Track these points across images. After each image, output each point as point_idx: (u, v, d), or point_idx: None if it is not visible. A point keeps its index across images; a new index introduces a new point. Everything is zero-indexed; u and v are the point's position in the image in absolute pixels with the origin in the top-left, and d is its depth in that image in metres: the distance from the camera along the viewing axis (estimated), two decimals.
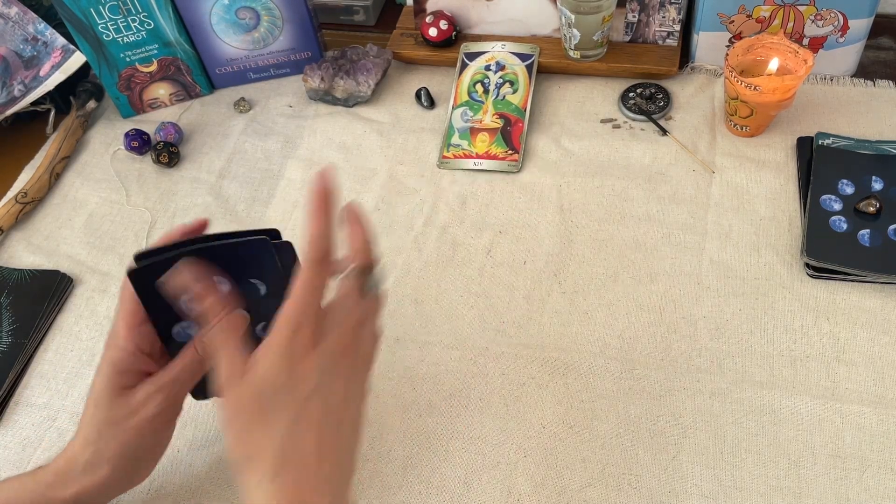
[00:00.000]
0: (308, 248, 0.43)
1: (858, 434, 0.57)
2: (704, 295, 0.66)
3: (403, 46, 0.89)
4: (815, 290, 0.65)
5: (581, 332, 0.65)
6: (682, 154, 0.77)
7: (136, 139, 0.84)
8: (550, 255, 0.70)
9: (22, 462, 0.61)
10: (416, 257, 0.72)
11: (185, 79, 0.89)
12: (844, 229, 0.66)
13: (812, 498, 0.54)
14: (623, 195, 0.74)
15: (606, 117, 0.82)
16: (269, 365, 0.43)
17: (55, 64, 0.82)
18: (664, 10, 0.81)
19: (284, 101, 0.89)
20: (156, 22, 0.83)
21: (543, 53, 0.85)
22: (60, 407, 0.65)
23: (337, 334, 0.45)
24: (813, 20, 0.77)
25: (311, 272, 0.44)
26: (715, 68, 0.84)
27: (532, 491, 0.56)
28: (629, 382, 0.61)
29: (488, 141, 0.80)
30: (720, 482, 0.55)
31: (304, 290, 0.43)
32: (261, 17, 0.85)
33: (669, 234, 0.70)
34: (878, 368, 0.60)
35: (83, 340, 0.69)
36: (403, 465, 0.58)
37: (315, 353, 0.43)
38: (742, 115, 0.75)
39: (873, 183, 0.69)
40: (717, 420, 0.58)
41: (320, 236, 0.44)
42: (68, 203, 0.82)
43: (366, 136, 0.83)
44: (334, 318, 0.45)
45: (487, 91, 0.83)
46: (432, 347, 0.65)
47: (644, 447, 0.57)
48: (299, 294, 0.43)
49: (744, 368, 0.61)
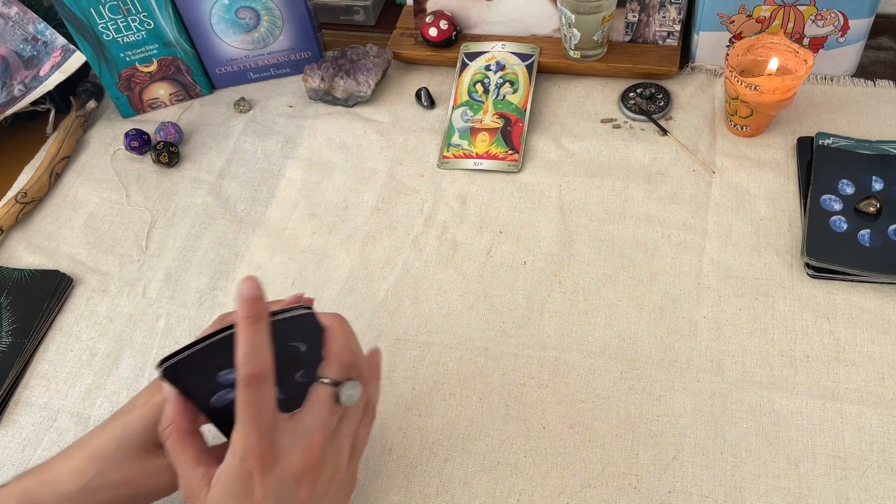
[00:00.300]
0: (241, 366, 0.40)
1: (858, 434, 0.56)
2: (704, 295, 0.66)
3: (403, 46, 0.89)
4: (815, 290, 0.65)
5: (581, 332, 0.65)
6: (683, 154, 0.77)
7: (136, 139, 0.84)
8: (550, 255, 0.70)
9: (22, 462, 0.61)
10: (416, 257, 0.72)
11: (185, 79, 0.89)
12: (844, 229, 0.66)
13: (812, 498, 0.54)
14: (623, 195, 0.74)
15: (606, 117, 0.82)
16: (220, 492, 0.42)
17: (55, 64, 0.82)
18: (664, 10, 0.81)
19: (284, 101, 0.89)
20: (156, 22, 0.83)
21: (543, 53, 0.85)
22: (60, 407, 0.65)
23: (300, 451, 0.42)
24: (813, 20, 0.77)
25: (249, 390, 0.40)
26: (715, 68, 0.84)
27: (532, 491, 0.56)
28: (629, 382, 0.61)
29: (488, 141, 0.80)
30: (720, 482, 0.55)
31: (245, 412, 0.41)
32: (261, 17, 0.85)
33: (669, 234, 0.70)
34: (878, 368, 0.60)
35: (83, 340, 0.69)
36: (403, 465, 0.58)
37: (271, 476, 0.41)
38: (742, 115, 0.75)
39: (873, 183, 0.69)
40: (717, 420, 0.58)
41: (253, 351, 0.40)
42: (68, 203, 0.82)
43: (366, 136, 0.83)
44: (297, 431, 0.43)
45: (487, 91, 0.83)
46: (432, 347, 0.65)
47: (644, 447, 0.57)
48: (241, 416, 0.41)
49: (744, 368, 0.61)
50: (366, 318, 0.68)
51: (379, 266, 0.71)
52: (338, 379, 0.45)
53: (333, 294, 0.70)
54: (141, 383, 0.65)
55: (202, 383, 0.45)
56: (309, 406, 0.44)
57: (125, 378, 0.66)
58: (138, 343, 0.68)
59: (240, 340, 0.41)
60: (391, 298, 0.69)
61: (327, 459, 0.44)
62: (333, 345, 0.46)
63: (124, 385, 0.65)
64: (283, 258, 0.73)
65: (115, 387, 0.65)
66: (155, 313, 0.70)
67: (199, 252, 0.75)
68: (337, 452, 0.45)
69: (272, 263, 0.73)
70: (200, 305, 0.70)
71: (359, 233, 0.74)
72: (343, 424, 0.46)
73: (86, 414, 0.64)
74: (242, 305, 0.40)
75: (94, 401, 0.65)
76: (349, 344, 0.47)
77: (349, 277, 0.71)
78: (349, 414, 0.46)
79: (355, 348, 0.47)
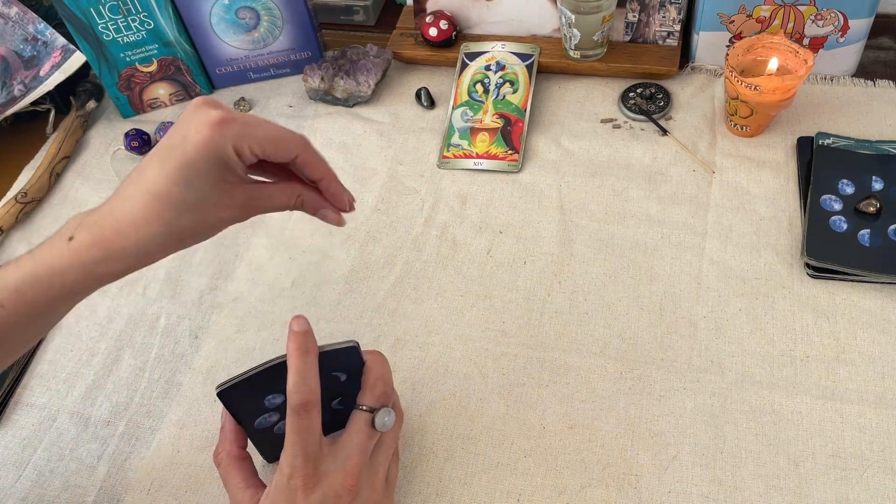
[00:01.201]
0: (291, 394, 0.44)
1: (858, 434, 0.56)
2: (704, 295, 0.66)
3: (403, 46, 0.89)
4: (815, 290, 0.65)
5: (581, 332, 0.65)
6: (683, 154, 0.77)
7: (136, 139, 0.84)
8: (550, 255, 0.70)
9: (22, 462, 0.61)
10: (416, 257, 0.72)
11: (185, 79, 0.89)
12: (844, 229, 0.66)
13: (812, 498, 0.54)
14: (623, 195, 0.74)
15: (606, 117, 0.82)
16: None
17: (55, 64, 0.82)
18: (664, 10, 0.81)
19: (284, 101, 0.89)
20: (156, 22, 0.83)
21: (543, 53, 0.85)
22: (60, 407, 0.65)
23: (341, 474, 0.46)
24: (813, 20, 0.77)
25: (297, 417, 0.44)
26: (715, 68, 0.84)
27: (532, 491, 0.56)
28: (629, 382, 0.61)
29: (488, 141, 0.80)
30: (720, 482, 0.55)
31: (294, 436, 0.45)
32: (261, 17, 0.85)
33: (669, 234, 0.70)
34: (878, 368, 0.60)
35: (83, 340, 0.69)
36: (404, 464, 0.58)
37: (314, 496, 0.45)
38: (742, 115, 0.75)
39: (873, 183, 0.69)
40: (717, 420, 0.58)
41: (302, 381, 0.45)
42: (68, 203, 0.82)
43: (366, 136, 0.83)
44: (338, 456, 0.47)
45: (487, 91, 0.83)
46: (432, 347, 0.65)
47: (644, 447, 0.57)
48: (290, 440, 0.45)
49: (744, 368, 0.61)
50: (366, 318, 0.68)
51: (379, 266, 0.71)
52: (374, 406, 0.49)
53: (333, 294, 0.70)
54: (141, 383, 0.65)
55: (250, 406, 0.50)
56: (349, 432, 0.48)
57: (125, 378, 0.66)
58: (138, 343, 0.68)
59: (291, 371, 0.45)
60: (391, 298, 0.69)
61: (364, 483, 0.48)
62: (371, 375, 0.50)
63: (124, 385, 0.65)
64: (283, 258, 0.73)
65: (115, 387, 0.66)
66: (155, 313, 0.70)
67: (199, 252, 0.75)
68: (373, 477, 0.49)
69: (272, 263, 0.73)
70: (200, 305, 0.70)
71: (359, 233, 0.74)
72: (379, 451, 0.50)
73: (86, 414, 0.64)
74: (293, 339, 0.45)
75: (94, 401, 0.65)
76: (385, 376, 0.51)
77: (349, 277, 0.71)
78: (384, 442, 0.50)
79: (390, 381, 0.51)
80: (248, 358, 0.66)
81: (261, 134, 0.47)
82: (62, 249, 0.46)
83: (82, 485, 0.60)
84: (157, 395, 0.65)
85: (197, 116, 0.46)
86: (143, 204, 0.45)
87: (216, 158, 0.46)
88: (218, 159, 0.46)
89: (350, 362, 0.50)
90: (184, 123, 0.46)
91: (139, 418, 0.63)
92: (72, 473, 0.61)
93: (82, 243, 0.46)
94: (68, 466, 0.61)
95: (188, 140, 0.45)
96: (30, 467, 0.61)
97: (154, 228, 0.46)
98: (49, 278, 0.46)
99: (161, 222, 0.46)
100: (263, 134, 0.47)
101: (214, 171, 0.46)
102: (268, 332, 0.68)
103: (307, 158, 0.50)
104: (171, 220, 0.46)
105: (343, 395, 0.51)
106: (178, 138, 0.46)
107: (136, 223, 0.45)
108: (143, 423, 0.63)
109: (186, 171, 0.45)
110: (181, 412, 0.63)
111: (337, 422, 0.50)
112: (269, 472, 0.57)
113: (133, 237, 0.46)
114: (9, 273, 0.46)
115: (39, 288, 0.46)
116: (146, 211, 0.45)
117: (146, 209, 0.45)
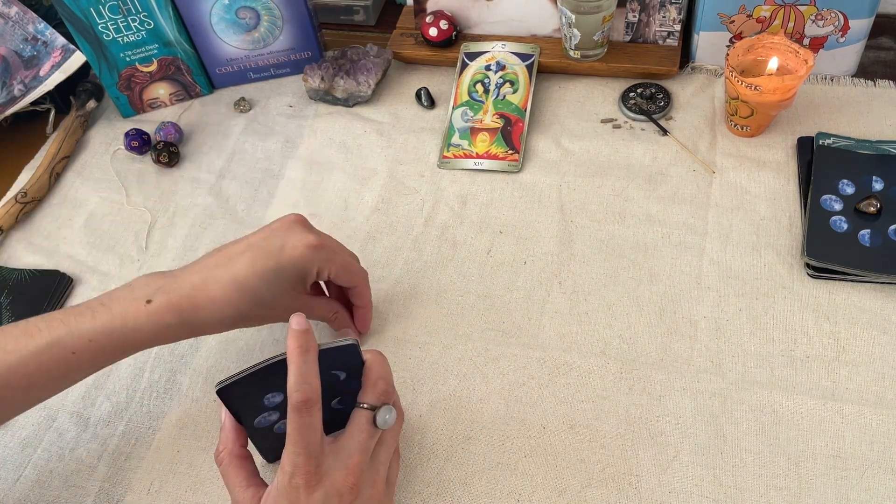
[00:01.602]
0: (292, 392, 0.45)
1: (858, 434, 0.56)
2: (704, 295, 0.66)
3: (403, 46, 0.89)
4: (816, 290, 0.65)
5: (581, 332, 0.65)
6: (683, 154, 0.77)
7: (136, 139, 0.84)
8: (550, 255, 0.70)
9: (22, 462, 0.61)
10: (416, 257, 0.72)
11: (185, 79, 0.89)
12: (845, 229, 0.66)
13: (812, 498, 0.54)
14: (623, 195, 0.74)
15: (607, 117, 0.82)
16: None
17: (55, 64, 0.82)
18: (664, 10, 0.81)
19: (284, 101, 0.89)
20: (156, 22, 0.83)
21: (543, 53, 0.85)
22: (60, 407, 0.65)
23: (342, 472, 0.47)
24: (813, 20, 0.77)
25: (299, 415, 0.45)
26: (715, 68, 0.84)
27: (532, 491, 0.56)
28: (629, 382, 0.61)
29: (488, 141, 0.80)
30: (720, 482, 0.55)
31: (296, 435, 0.45)
32: (261, 16, 0.85)
33: (669, 234, 0.70)
34: (879, 368, 0.60)
35: None
36: (403, 465, 0.58)
37: (316, 494, 0.45)
38: (742, 115, 0.75)
39: (874, 183, 0.69)
40: (717, 420, 0.58)
41: (303, 379, 0.45)
42: (68, 203, 0.82)
43: (366, 136, 0.83)
44: (340, 454, 0.47)
45: (488, 91, 0.83)
46: (432, 347, 0.65)
47: (644, 447, 0.57)
48: (291, 438, 0.45)
49: (744, 368, 0.61)
50: None
51: (379, 266, 0.71)
52: (375, 404, 0.50)
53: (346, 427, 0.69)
54: (141, 383, 0.65)
55: (250, 404, 0.50)
56: (350, 430, 0.49)
57: (125, 378, 0.66)
58: None
59: (291, 369, 0.45)
60: (391, 298, 0.69)
61: (366, 481, 0.48)
62: (371, 374, 0.51)
63: (124, 385, 0.65)
64: None
65: (115, 387, 0.65)
66: None
67: (199, 252, 0.75)
68: (374, 475, 0.49)
69: None
70: None
71: (359, 233, 0.74)
72: (380, 450, 0.50)
73: (86, 414, 0.64)
74: (293, 337, 0.46)
75: (94, 401, 0.65)
76: (386, 375, 0.51)
77: None
78: (385, 441, 0.51)
79: (391, 380, 0.52)
80: (248, 358, 0.66)
81: (339, 262, 0.58)
82: (139, 309, 0.52)
83: (82, 485, 0.60)
84: (157, 395, 0.65)
85: (296, 234, 0.56)
86: (226, 289, 0.53)
87: (302, 272, 0.55)
88: (303, 274, 0.55)
89: (349, 360, 0.50)
90: (281, 233, 0.56)
91: (139, 418, 0.63)
92: (72, 473, 0.61)
93: (160, 308, 0.52)
94: (68, 466, 0.61)
95: (285, 251, 0.54)
96: (30, 467, 0.61)
97: (228, 311, 0.53)
98: (123, 332, 0.52)
99: (235, 308, 0.53)
100: (341, 262, 0.58)
101: (294, 281, 0.55)
102: (268, 332, 0.68)
103: (361, 290, 0.62)
104: (244, 309, 0.54)
105: (343, 394, 0.51)
106: (275, 246, 0.55)
107: (214, 302, 0.53)
108: (143, 423, 0.63)
109: (274, 275, 0.54)
110: (181, 412, 0.63)
111: (337, 422, 0.50)
112: (269, 472, 0.57)
113: (207, 313, 0.53)
114: (84, 323, 0.51)
115: (112, 340, 0.52)
116: (227, 295, 0.53)
117: (227, 294, 0.53)
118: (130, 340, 0.52)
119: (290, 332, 0.46)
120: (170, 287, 0.53)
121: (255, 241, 0.55)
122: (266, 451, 0.56)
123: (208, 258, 0.55)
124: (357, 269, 0.61)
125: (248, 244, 0.55)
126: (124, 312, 0.52)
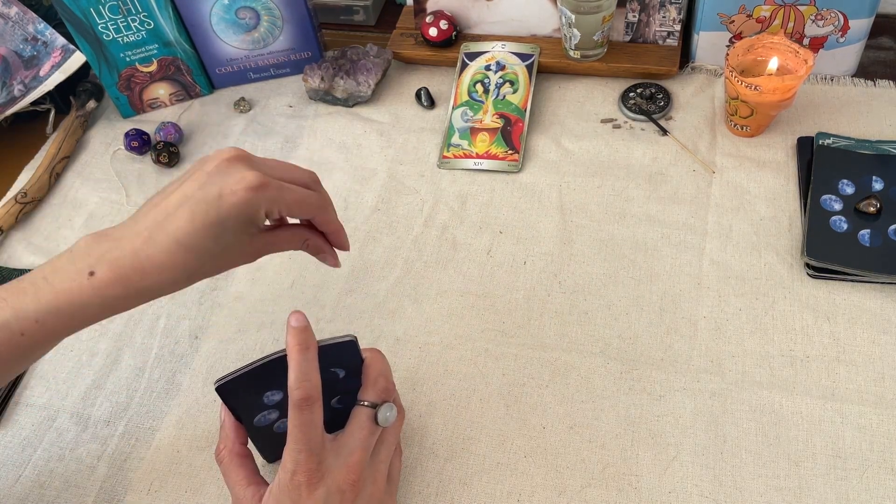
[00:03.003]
0: (292, 390, 0.45)
1: (858, 434, 0.56)
2: (704, 295, 0.66)
3: (403, 46, 0.89)
4: (815, 290, 0.65)
5: (581, 332, 0.65)
6: (683, 154, 0.77)
7: (136, 139, 0.84)
8: (550, 255, 0.70)
9: (22, 462, 0.61)
10: (416, 257, 0.72)
11: (185, 79, 0.89)
12: (845, 229, 0.66)
13: (812, 498, 0.54)
14: (623, 195, 0.74)
15: (606, 117, 0.82)
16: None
17: (55, 64, 0.82)
18: (664, 9, 0.81)
19: (284, 101, 0.89)
20: (156, 22, 0.83)
21: (543, 53, 0.85)
22: (60, 407, 0.65)
23: (344, 469, 0.47)
24: (813, 20, 0.77)
25: (300, 412, 0.45)
26: (715, 68, 0.84)
27: (532, 491, 0.56)
28: (629, 382, 0.61)
29: (488, 141, 0.80)
30: (720, 482, 0.55)
31: (297, 432, 0.45)
32: (261, 17, 0.85)
33: (669, 234, 0.70)
34: (879, 368, 0.60)
35: (83, 340, 0.69)
36: (404, 465, 0.58)
37: (317, 491, 0.45)
38: (742, 115, 0.75)
39: (874, 183, 0.69)
40: (717, 420, 0.58)
41: (303, 377, 0.45)
42: (68, 203, 0.82)
43: (366, 136, 0.83)
44: (341, 452, 0.47)
45: (487, 91, 0.83)
46: (432, 347, 0.65)
47: (644, 447, 0.57)
48: (292, 436, 0.45)
49: (744, 368, 0.61)
50: (366, 318, 0.68)
51: (379, 266, 0.71)
52: (376, 402, 0.50)
53: (333, 294, 0.70)
54: (141, 383, 0.65)
55: (249, 402, 0.50)
56: (351, 428, 0.49)
57: (125, 378, 0.66)
58: (138, 343, 0.68)
59: (291, 366, 0.45)
60: (391, 298, 0.69)
61: (367, 478, 0.48)
62: (371, 371, 0.50)
63: (124, 385, 0.65)
64: (283, 258, 0.73)
65: (115, 387, 0.66)
66: (155, 313, 0.70)
67: None
68: (376, 473, 0.49)
69: (272, 263, 0.73)
70: (200, 305, 0.70)
71: (359, 233, 0.74)
72: (381, 448, 0.50)
73: (86, 414, 0.64)
74: (293, 334, 0.45)
75: (94, 401, 0.65)
76: (386, 372, 0.51)
77: (349, 277, 0.71)
78: (386, 438, 0.51)
79: (391, 377, 0.52)
80: (248, 358, 0.65)
81: (289, 198, 0.51)
82: (82, 284, 0.48)
83: (82, 485, 0.60)
84: (156, 396, 0.65)
85: (232, 175, 0.48)
86: (170, 252, 0.48)
87: (247, 218, 0.49)
88: (249, 219, 0.49)
89: (348, 357, 0.50)
90: (217, 177, 0.48)
91: (139, 418, 0.63)
92: (72, 473, 0.61)
93: (104, 280, 0.48)
94: (68, 466, 0.61)
95: (223, 199, 0.48)
96: (30, 467, 0.61)
97: (177, 274, 0.49)
98: (70, 311, 0.48)
99: (185, 269, 0.49)
100: (291, 198, 0.51)
101: (242, 227, 0.49)
102: (268, 332, 0.68)
103: (323, 218, 0.55)
104: (194, 267, 0.49)
105: (342, 392, 0.51)
106: (212, 194, 0.48)
107: (161, 267, 0.48)
108: (143, 423, 0.63)
109: (218, 228, 0.48)
110: (181, 412, 0.63)
111: (337, 421, 0.50)
112: (269, 472, 0.57)
113: (155, 278, 0.49)
114: (28, 303, 0.48)
115: (60, 319, 0.48)
116: (173, 258, 0.48)
117: (173, 256, 0.48)
118: (79, 317, 0.49)
119: (289, 329, 0.46)
120: (112, 254, 0.48)
121: (190, 191, 0.49)
122: (266, 450, 0.56)
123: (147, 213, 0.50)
124: (311, 200, 0.53)
125: (184, 196, 0.49)
126: (69, 289, 0.48)
